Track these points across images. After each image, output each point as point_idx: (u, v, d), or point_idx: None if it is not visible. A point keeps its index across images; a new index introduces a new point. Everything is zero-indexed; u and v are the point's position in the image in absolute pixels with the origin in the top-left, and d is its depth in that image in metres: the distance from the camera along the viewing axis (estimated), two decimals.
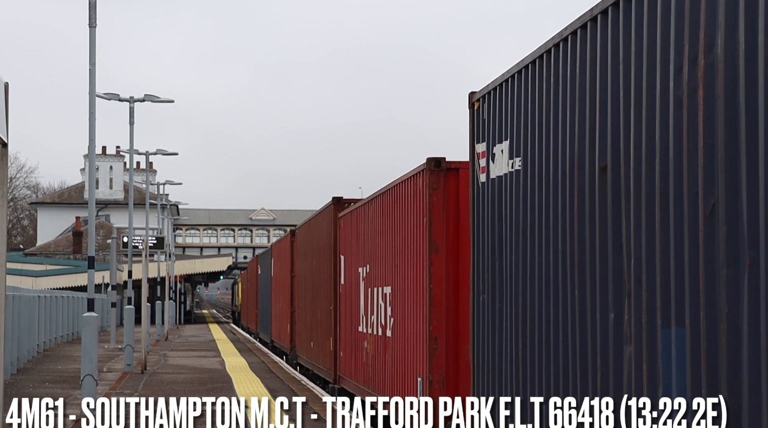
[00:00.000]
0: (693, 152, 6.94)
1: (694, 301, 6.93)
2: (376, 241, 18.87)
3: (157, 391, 24.52)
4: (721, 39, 6.61)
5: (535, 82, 10.11)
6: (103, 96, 35.94)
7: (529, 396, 9.94)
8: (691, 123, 6.97)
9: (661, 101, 7.38)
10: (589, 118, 8.68)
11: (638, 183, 7.75)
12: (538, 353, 9.89)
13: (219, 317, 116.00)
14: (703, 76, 6.83)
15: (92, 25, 22.50)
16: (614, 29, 8.23)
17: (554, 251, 9.47)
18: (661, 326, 7.41)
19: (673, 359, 7.22)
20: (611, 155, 8.22)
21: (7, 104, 8.48)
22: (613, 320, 8.19)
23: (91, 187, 22.80)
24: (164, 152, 52.74)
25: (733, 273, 6.48)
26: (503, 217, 11.06)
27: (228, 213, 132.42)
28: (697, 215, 6.89)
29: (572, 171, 9.04)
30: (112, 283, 49.75)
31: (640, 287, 7.70)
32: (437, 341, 14.47)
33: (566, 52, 9.24)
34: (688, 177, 7.01)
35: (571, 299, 9.04)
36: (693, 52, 6.97)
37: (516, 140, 10.64)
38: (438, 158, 14.58)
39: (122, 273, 66.02)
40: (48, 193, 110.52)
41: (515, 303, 10.65)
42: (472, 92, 12.09)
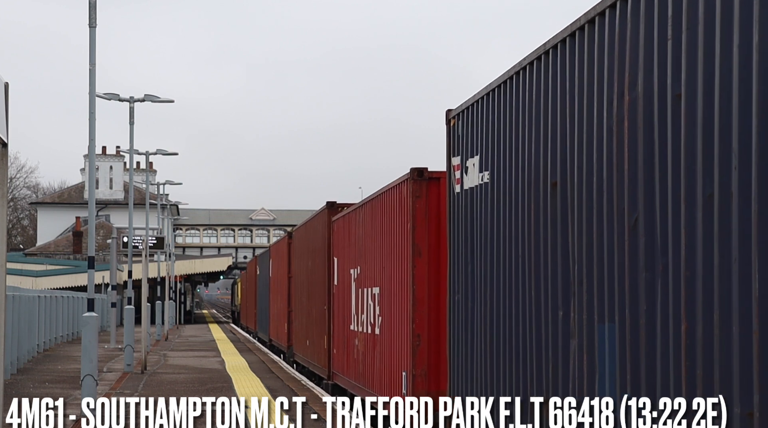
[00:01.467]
0: (620, 174, 8.19)
1: (621, 300, 8.16)
2: (366, 244, 19.97)
3: (157, 391, 24.59)
4: (641, 79, 7.86)
5: (500, 104, 11.36)
6: (103, 96, 36.15)
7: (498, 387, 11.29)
8: (619, 149, 8.24)
9: (597, 129, 8.67)
10: (543, 140, 9.96)
11: (581, 199, 9.00)
12: (506, 347, 11.11)
13: (219, 318, 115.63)
14: (627, 109, 8.09)
15: (92, 26, 22.59)
16: (562, 64, 9.49)
17: (515, 257, 10.73)
18: (597, 321, 8.66)
19: (606, 351, 8.45)
20: (560, 174, 9.49)
21: (7, 104, 8.52)
22: (561, 317, 9.45)
23: (91, 187, 22.89)
24: (164, 152, 52.80)
25: (650, 277, 7.70)
26: (475, 225, 12.30)
27: (228, 213, 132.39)
28: (623, 228, 8.14)
29: (530, 186, 10.35)
30: (112, 283, 49.97)
31: (582, 288, 8.94)
32: (420, 338, 15.56)
33: (525, 81, 10.50)
34: (617, 195, 8.27)
35: (529, 299, 10.32)
36: (620, 88, 8.23)
37: (485, 155, 11.91)
38: (421, 169, 15.68)
39: (122, 273, 66.12)
40: (48, 193, 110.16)
41: (484, 303, 11.87)
42: (449, 110, 13.35)
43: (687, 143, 7.22)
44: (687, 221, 7.21)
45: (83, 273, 65.25)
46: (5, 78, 8.56)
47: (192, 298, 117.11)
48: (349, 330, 21.81)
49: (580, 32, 9.09)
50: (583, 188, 8.94)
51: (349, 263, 22.16)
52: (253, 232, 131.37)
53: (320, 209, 27.16)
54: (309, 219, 30.36)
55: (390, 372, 17.21)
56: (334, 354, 24.39)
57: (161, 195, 67.66)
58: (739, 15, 6.61)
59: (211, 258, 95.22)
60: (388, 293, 17.55)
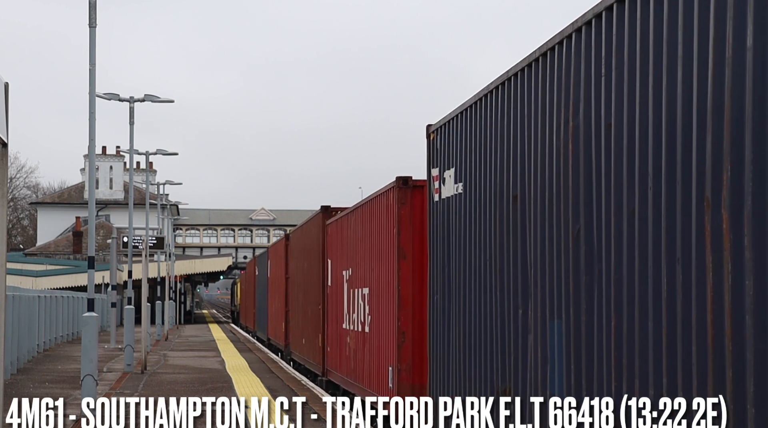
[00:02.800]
0: (566, 190, 9.46)
1: (567, 300, 9.44)
2: (357, 247, 21.17)
3: (157, 391, 24.66)
4: (582, 109, 9.15)
5: (472, 122, 12.61)
6: (103, 96, 36.20)
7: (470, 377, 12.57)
8: (565, 168, 9.51)
9: (549, 150, 9.94)
10: (506, 157, 11.27)
11: (536, 211, 10.30)
12: (476, 342, 12.37)
13: (219, 318, 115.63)
14: (571, 134, 9.39)
15: (92, 26, 22.60)
16: (521, 91, 10.76)
17: (484, 261, 12.01)
18: (549, 319, 9.92)
19: (555, 344, 9.72)
20: (520, 188, 10.80)
21: (7, 104, 8.55)
22: (521, 315, 10.73)
23: (91, 187, 22.90)
24: (164, 152, 52.82)
25: (589, 280, 9.00)
26: (451, 231, 13.57)
27: (228, 213, 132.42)
28: (568, 236, 9.39)
29: (496, 198, 11.65)
30: (112, 283, 50.03)
31: (537, 289, 10.23)
32: (405, 335, 16.71)
33: (492, 103, 11.79)
34: (563, 208, 9.53)
35: (496, 299, 11.60)
36: (566, 116, 9.50)
37: (459, 168, 13.18)
38: (406, 177, 16.85)
39: (122, 273, 66.23)
40: (48, 193, 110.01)
41: (459, 302, 13.13)
42: (429, 125, 14.62)
43: (616, 165, 8.51)
44: (616, 231, 8.47)
45: (83, 273, 65.45)
46: (5, 78, 8.60)
47: (192, 298, 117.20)
48: (342, 328, 22.90)
49: (534, 64, 10.33)
50: (537, 202, 10.23)
51: (341, 265, 23.28)
52: (253, 232, 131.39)
53: (315, 213, 28.35)
54: (305, 222, 31.59)
55: (378, 367, 18.33)
56: (328, 352, 25.53)
57: (161, 195, 67.72)
58: (653, 61, 7.96)
59: (211, 258, 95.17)
60: (377, 293, 18.66)
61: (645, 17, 8.05)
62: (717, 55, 6.96)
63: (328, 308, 25.53)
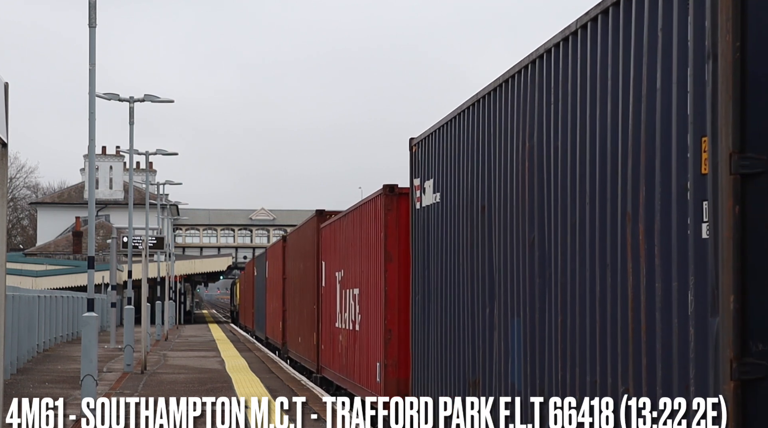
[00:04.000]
0: (524, 202, 10.72)
1: (524, 300, 10.67)
2: (348, 250, 22.52)
3: (157, 391, 24.73)
4: (536, 131, 10.37)
5: (448, 138, 13.90)
6: (103, 96, 36.25)
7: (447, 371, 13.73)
8: (522, 184, 10.75)
9: (510, 167, 11.18)
10: (476, 171, 12.50)
11: (500, 220, 11.52)
12: (451, 338, 13.61)
13: (219, 318, 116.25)
14: (528, 153, 10.58)
15: (92, 26, 22.62)
16: (489, 111, 11.99)
17: (458, 264, 13.29)
18: (510, 317, 11.12)
19: (515, 339, 10.95)
20: (487, 199, 12.03)
21: (7, 104, 8.60)
22: (488, 313, 11.93)
23: (91, 187, 22.94)
24: (164, 152, 53.03)
25: (541, 282, 10.18)
26: (430, 237, 14.84)
27: (228, 213, 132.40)
28: (526, 244, 10.63)
29: (467, 207, 12.89)
30: (112, 283, 50.05)
31: (501, 290, 11.47)
32: (391, 332, 17.85)
33: (463, 122, 13.08)
34: (521, 218, 10.79)
35: (467, 299, 12.84)
36: (523, 137, 10.73)
37: (437, 179, 14.46)
38: (392, 185, 18.07)
39: (122, 273, 65.87)
40: (48, 193, 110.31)
41: (436, 302, 14.45)
42: (412, 138, 15.90)
43: (561, 183, 9.73)
44: (562, 240, 9.69)
45: (83, 273, 64.80)
46: (5, 78, 8.64)
47: (192, 298, 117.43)
48: (335, 327, 24.31)
49: (499, 88, 11.59)
50: (501, 212, 11.50)
51: (334, 267, 24.69)
52: (253, 232, 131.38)
53: (310, 217, 29.87)
54: (301, 225, 33.18)
55: (367, 363, 19.66)
56: (322, 350, 26.92)
57: (161, 195, 67.80)
58: (589, 95, 9.11)
59: (211, 258, 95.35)
60: (366, 293, 19.99)
61: (583, 57, 9.31)
62: (635, 95, 8.20)
63: (322, 308, 26.92)
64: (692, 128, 7.24)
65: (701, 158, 7.11)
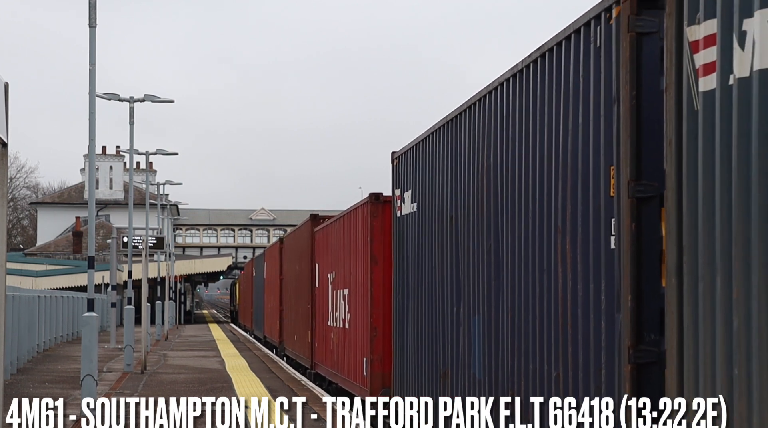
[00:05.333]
0: (482, 214, 12.52)
1: (483, 300, 12.48)
2: (339, 252, 24.50)
3: (157, 391, 25.07)
4: (492, 152, 12.16)
5: (423, 153, 15.70)
6: (103, 96, 36.67)
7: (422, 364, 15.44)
8: (481, 197, 12.56)
9: (473, 182, 12.96)
10: (446, 184, 14.29)
11: (464, 229, 13.32)
12: (425, 333, 15.41)
13: (219, 318, 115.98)
14: (486, 171, 12.41)
15: (92, 26, 22.89)
16: (456, 131, 13.79)
17: (430, 268, 15.11)
18: (472, 315, 12.91)
19: (476, 334, 12.73)
20: (454, 211, 13.81)
21: (7, 104, 8.60)
22: (455, 312, 13.72)
23: (91, 187, 23.20)
24: (164, 152, 53.59)
25: (496, 284, 12.00)
26: (408, 243, 16.61)
27: (228, 213, 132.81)
28: (484, 251, 12.46)
29: (438, 217, 14.66)
30: (112, 283, 50.74)
31: (466, 291, 13.27)
32: (376, 330, 19.78)
33: (437, 139, 14.86)
34: (481, 228, 12.59)
35: (439, 299, 14.62)
36: (483, 156, 12.51)
37: (414, 190, 16.25)
38: (377, 194, 19.97)
39: (122, 273, 66.58)
40: (48, 193, 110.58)
41: (414, 302, 16.18)
42: (393, 152, 17.73)
43: (510, 198, 11.51)
44: (511, 248, 11.49)
45: (83, 273, 65.27)
46: (5, 78, 8.65)
47: (192, 298, 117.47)
48: (327, 325, 26.25)
49: (466, 111, 13.34)
50: (465, 222, 13.29)
51: (327, 268, 26.69)
52: (253, 232, 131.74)
53: (305, 220, 31.68)
54: (297, 228, 35.16)
55: (355, 358, 21.57)
56: (315, 347, 28.91)
57: (161, 195, 68.24)
58: (525, 127, 10.94)
59: (211, 258, 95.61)
60: (355, 294, 21.90)
61: (526, 93, 11.10)
62: (564, 128, 9.99)
63: (316, 308, 28.71)
64: (603, 159, 9.06)
65: (610, 184, 8.90)
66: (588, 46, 9.35)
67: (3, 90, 8.52)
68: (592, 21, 9.22)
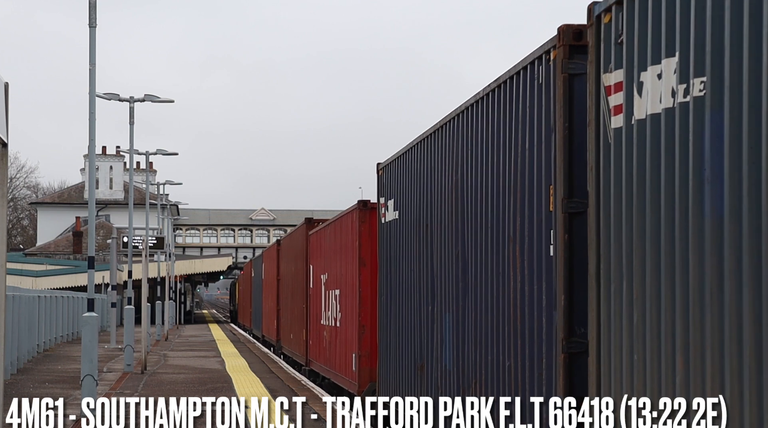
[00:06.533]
0: (452, 224, 14.39)
1: (452, 300, 14.35)
2: (330, 255, 26.58)
3: (157, 391, 25.43)
4: (460, 168, 14.04)
5: (403, 166, 17.61)
6: (103, 96, 37.03)
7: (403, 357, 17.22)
8: (450, 208, 14.44)
9: (445, 193, 14.78)
10: (422, 194, 16.14)
11: (438, 236, 15.18)
12: (404, 330, 17.23)
13: (219, 317, 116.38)
14: (455, 184, 14.24)
15: (92, 26, 23.14)
16: (431, 147, 15.67)
17: (411, 271, 16.91)
18: (444, 312, 14.76)
19: (447, 330, 14.57)
20: (430, 219, 15.68)
21: (7, 104, 8.64)
22: (430, 310, 15.61)
23: (91, 187, 23.43)
24: (164, 152, 54.09)
25: (463, 285, 13.89)
26: (391, 247, 18.50)
27: (228, 213, 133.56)
28: (453, 256, 14.35)
29: (416, 225, 16.52)
30: (112, 283, 51.56)
31: (439, 291, 15.12)
32: (364, 328, 21.84)
33: (415, 154, 16.71)
34: (451, 236, 14.46)
35: (416, 298, 16.44)
36: (452, 170, 14.39)
37: (396, 199, 18.15)
38: (365, 201, 22.13)
39: (122, 273, 67.65)
40: (48, 193, 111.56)
41: (396, 301, 18.02)
42: (378, 163, 19.56)
43: (472, 210, 13.41)
44: (474, 254, 13.36)
45: (83, 273, 66.29)
46: (5, 78, 8.69)
47: (192, 298, 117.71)
48: (320, 324, 28.34)
49: (439, 130, 15.20)
50: (439, 230, 15.15)
51: (320, 270, 28.73)
52: (253, 232, 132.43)
53: (300, 224, 33.84)
54: (293, 231, 37.41)
55: (345, 355, 23.55)
56: (310, 345, 31.02)
57: (161, 195, 68.69)
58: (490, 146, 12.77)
59: (211, 258, 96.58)
60: (345, 294, 23.92)
61: (485, 119, 13.03)
62: (514, 151, 11.88)
63: (310, 307, 30.92)
64: (544, 179, 10.93)
65: (549, 200, 10.73)
66: (533, 82, 11.18)
67: (3, 90, 8.56)
68: (535, 61, 11.08)
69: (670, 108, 8.03)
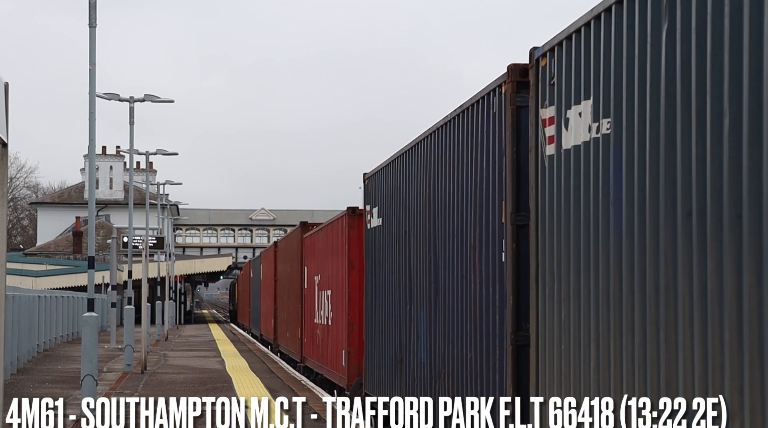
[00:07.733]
0: (426, 232, 16.42)
1: (426, 300, 16.36)
2: (323, 258, 28.81)
3: (157, 391, 25.80)
4: (433, 182, 16.05)
5: (385, 177, 19.60)
6: (103, 96, 37.65)
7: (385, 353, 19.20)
8: (425, 217, 16.50)
9: (422, 204, 16.78)
10: (402, 203, 18.14)
11: (415, 243, 17.20)
12: (386, 328, 19.33)
13: (219, 317, 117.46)
14: (431, 197, 16.25)
15: (92, 26, 23.49)
16: (409, 161, 17.67)
17: (392, 273, 18.96)
18: (419, 311, 16.78)
19: (422, 327, 16.58)
20: (409, 227, 17.67)
21: (7, 104, 8.73)
22: (408, 309, 17.60)
23: (91, 187, 23.73)
24: (164, 152, 54.87)
25: (435, 287, 15.91)
26: (376, 251, 20.58)
27: (228, 213, 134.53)
28: (427, 260, 16.38)
29: (397, 231, 18.52)
30: (112, 283, 52.33)
31: (415, 292, 17.13)
32: (353, 326, 23.92)
33: (396, 166, 18.75)
34: (427, 243, 16.41)
35: (397, 298, 18.44)
36: (429, 183, 16.37)
37: (379, 207, 20.20)
38: (354, 207, 24.07)
39: (122, 273, 68.70)
40: (48, 193, 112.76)
41: (380, 301, 20.08)
42: (365, 173, 21.53)
43: (441, 221, 15.42)
44: (443, 258, 15.35)
45: (83, 273, 67.43)
46: (5, 78, 8.79)
47: (192, 298, 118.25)
48: (314, 322, 30.57)
49: (416, 146, 17.17)
50: (416, 237, 17.15)
51: (314, 271, 30.92)
52: (253, 232, 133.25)
53: (296, 228, 36.10)
54: (289, 234, 39.67)
55: (335, 351, 25.76)
56: (304, 343, 33.33)
57: (161, 195, 69.46)
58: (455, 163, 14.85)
59: (211, 258, 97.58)
60: (336, 294, 26.05)
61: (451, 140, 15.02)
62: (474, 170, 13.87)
63: (305, 307, 33.12)
64: (497, 195, 13.01)
65: (502, 213, 12.80)
66: (488, 111, 13.27)
67: (3, 90, 8.64)
68: (490, 93, 13.21)
69: (587, 141, 10.09)
